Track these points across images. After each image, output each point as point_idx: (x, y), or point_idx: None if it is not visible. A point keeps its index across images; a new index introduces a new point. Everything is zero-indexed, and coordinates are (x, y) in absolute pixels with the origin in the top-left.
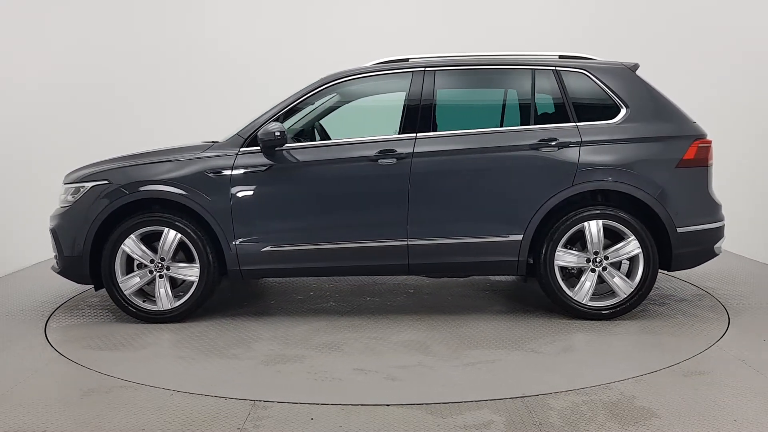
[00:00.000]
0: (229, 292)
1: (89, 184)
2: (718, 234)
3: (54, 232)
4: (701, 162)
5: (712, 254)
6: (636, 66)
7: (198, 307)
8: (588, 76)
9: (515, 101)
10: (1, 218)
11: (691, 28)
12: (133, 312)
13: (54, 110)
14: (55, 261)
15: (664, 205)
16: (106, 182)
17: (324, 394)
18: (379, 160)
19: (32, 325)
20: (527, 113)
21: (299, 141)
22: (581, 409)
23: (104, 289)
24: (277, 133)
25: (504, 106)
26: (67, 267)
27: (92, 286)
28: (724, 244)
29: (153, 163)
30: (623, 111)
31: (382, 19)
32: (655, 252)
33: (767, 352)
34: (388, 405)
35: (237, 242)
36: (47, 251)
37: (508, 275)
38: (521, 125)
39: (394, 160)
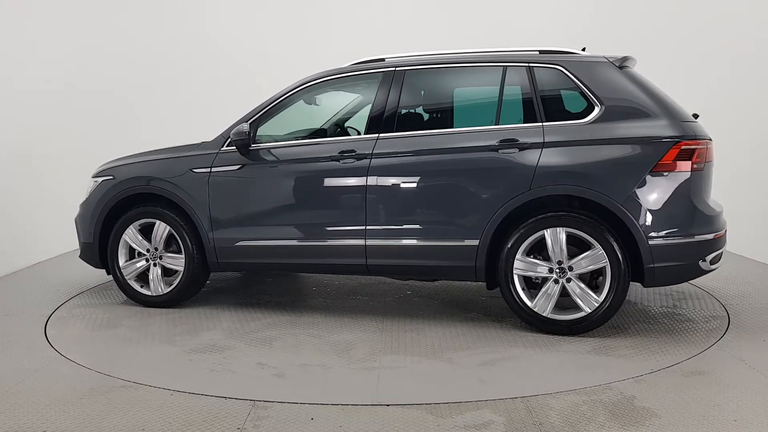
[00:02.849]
0: (252, 283)
1: (100, 179)
2: (704, 249)
3: (75, 221)
4: (683, 166)
5: (698, 271)
6: (624, 59)
7: (187, 293)
8: (563, 72)
9: (484, 100)
10: (1, 218)
11: (692, 27)
12: (132, 295)
13: (54, 112)
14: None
15: (632, 214)
16: (111, 177)
17: (207, 384)
18: (341, 161)
19: (32, 325)
20: (494, 112)
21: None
22: (581, 409)
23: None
24: (246, 133)
25: (472, 105)
26: (84, 252)
27: (99, 274)
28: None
29: (151, 161)
30: (596, 109)
31: (383, 19)
32: (625, 264)
33: (767, 352)
34: (388, 405)
35: (214, 236)
36: (47, 252)
37: (465, 281)
38: (488, 125)
39: (354, 160)
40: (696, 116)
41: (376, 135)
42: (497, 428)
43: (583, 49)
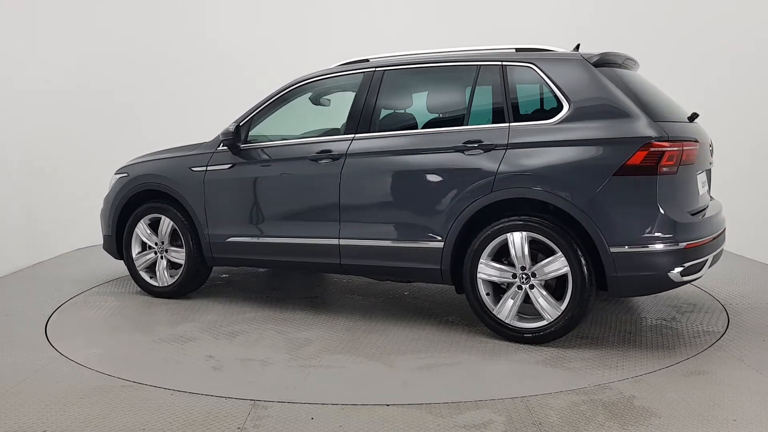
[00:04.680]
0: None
1: (117, 176)
2: (674, 259)
3: (100, 215)
4: (650, 170)
5: (669, 283)
6: (603, 56)
7: (189, 286)
8: (535, 70)
9: (458, 100)
10: (1, 219)
11: (692, 27)
12: (142, 285)
13: (55, 113)
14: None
15: (594, 219)
16: (126, 174)
17: (153, 374)
18: (319, 160)
19: (32, 325)
20: (465, 113)
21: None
22: (581, 409)
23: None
24: (232, 133)
25: (446, 105)
26: (105, 243)
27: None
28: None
29: (158, 160)
30: (564, 109)
31: (381, 19)
32: (588, 272)
33: (767, 352)
34: (388, 405)
35: (209, 231)
36: (47, 252)
37: (433, 284)
38: (459, 125)
39: (331, 160)
40: (695, 116)
41: (352, 135)
42: (497, 428)
43: (577, 47)
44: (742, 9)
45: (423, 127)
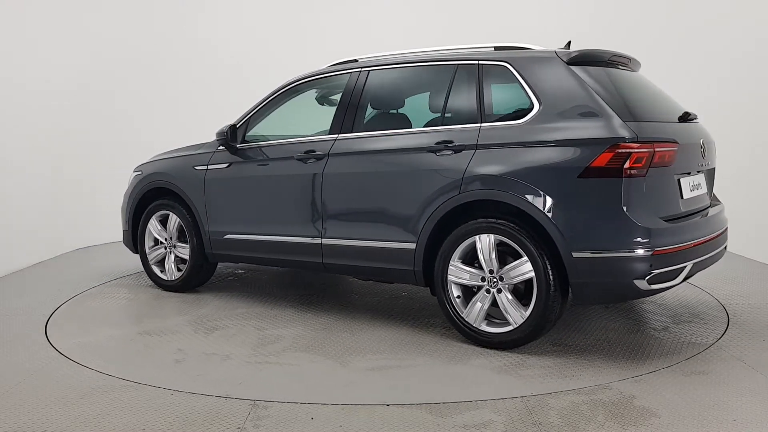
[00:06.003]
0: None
1: (134, 174)
2: (639, 266)
3: (120, 211)
4: (615, 172)
5: (635, 291)
6: (581, 54)
7: (194, 280)
8: (509, 69)
9: (435, 100)
10: (1, 218)
11: (691, 27)
12: (154, 279)
13: (53, 114)
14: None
15: (556, 222)
16: (140, 173)
17: (117, 363)
18: (306, 160)
19: (32, 325)
20: (441, 113)
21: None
22: (581, 409)
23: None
24: (225, 133)
25: (425, 105)
26: (124, 237)
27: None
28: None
29: (167, 159)
30: (534, 109)
31: (380, 19)
32: (552, 276)
33: (767, 352)
34: (388, 405)
35: (209, 228)
36: (46, 252)
37: (408, 284)
38: (436, 125)
39: (315, 160)
40: (687, 115)
41: (336, 136)
42: (497, 428)
43: (568, 44)
44: (742, 9)
45: (403, 128)
